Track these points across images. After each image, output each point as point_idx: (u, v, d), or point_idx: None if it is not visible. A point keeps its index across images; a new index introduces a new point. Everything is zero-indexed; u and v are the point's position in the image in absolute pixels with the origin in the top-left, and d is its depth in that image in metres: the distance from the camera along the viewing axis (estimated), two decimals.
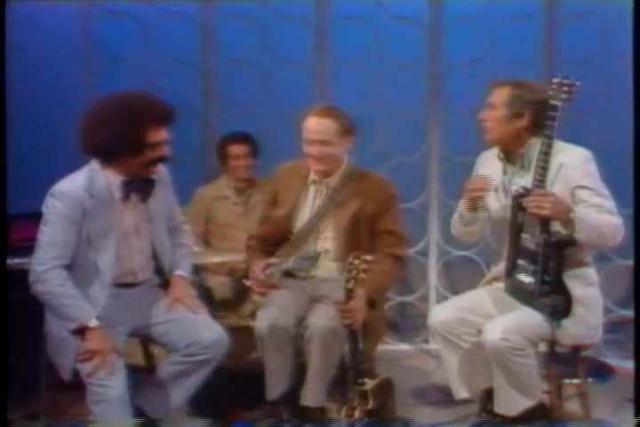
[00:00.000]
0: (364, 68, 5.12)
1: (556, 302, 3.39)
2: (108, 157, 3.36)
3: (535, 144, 3.53)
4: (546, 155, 3.37)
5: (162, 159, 3.42)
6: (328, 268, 3.88)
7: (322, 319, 3.69)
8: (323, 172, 3.92)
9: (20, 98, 4.81)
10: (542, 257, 3.38)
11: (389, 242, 3.90)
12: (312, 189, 3.96)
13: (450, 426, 3.99)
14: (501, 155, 3.63)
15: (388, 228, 3.91)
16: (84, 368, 3.28)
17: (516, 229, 3.49)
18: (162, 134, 3.37)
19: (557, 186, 3.43)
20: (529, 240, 3.45)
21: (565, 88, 3.35)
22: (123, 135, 3.28)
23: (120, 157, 3.34)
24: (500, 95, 3.54)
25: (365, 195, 3.87)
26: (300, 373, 3.80)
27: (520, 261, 3.50)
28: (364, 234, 3.89)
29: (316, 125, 3.85)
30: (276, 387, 3.79)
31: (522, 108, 3.51)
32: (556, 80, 3.37)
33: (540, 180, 3.37)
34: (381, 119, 5.07)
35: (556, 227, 3.37)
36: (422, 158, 5.24)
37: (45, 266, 3.31)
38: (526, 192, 3.39)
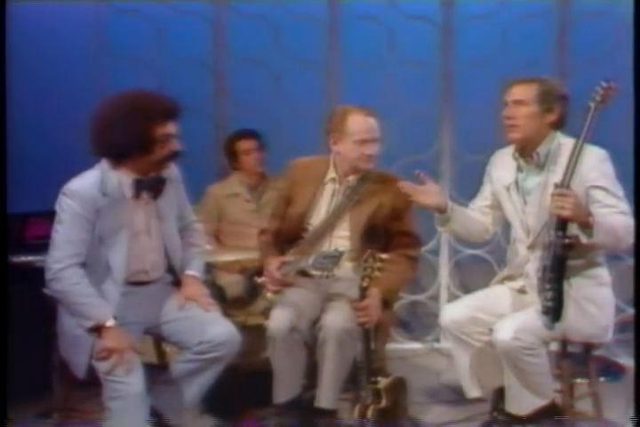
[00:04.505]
0: (376, 67, 5.11)
1: (549, 303, 3.37)
2: (119, 157, 3.37)
3: (551, 141, 3.53)
4: (578, 156, 3.33)
5: (173, 155, 3.42)
6: (343, 267, 3.84)
7: (337, 320, 3.68)
8: (368, 171, 3.89)
9: (31, 98, 4.84)
10: (552, 255, 3.35)
11: (404, 243, 3.91)
12: (329, 188, 3.95)
13: (461, 425, 3.99)
14: (516, 154, 3.62)
15: (404, 229, 3.92)
16: (102, 366, 3.28)
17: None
18: (169, 128, 3.37)
19: (572, 185, 3.38)
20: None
21: (601, 91, 3.33)
22: (131, 134, 3.29)
23: (131, 156, 3.35)
24: (529, 91, 3.52)
25: (383, 196, 3.87)
26: (310, 373, 3.81)
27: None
28: (379, 234, 3.88)
29: (373, 124, 3.83)
30: (284, 391, 3.78)
31: (552, 102, 3.51)
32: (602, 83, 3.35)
33: (568, 180, 3.32)
34: (393, 118, 5.06)
35: (574, 229, 3.34)
36: (434, 157, 5.23)
37: (61, 264, 3.32)
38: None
